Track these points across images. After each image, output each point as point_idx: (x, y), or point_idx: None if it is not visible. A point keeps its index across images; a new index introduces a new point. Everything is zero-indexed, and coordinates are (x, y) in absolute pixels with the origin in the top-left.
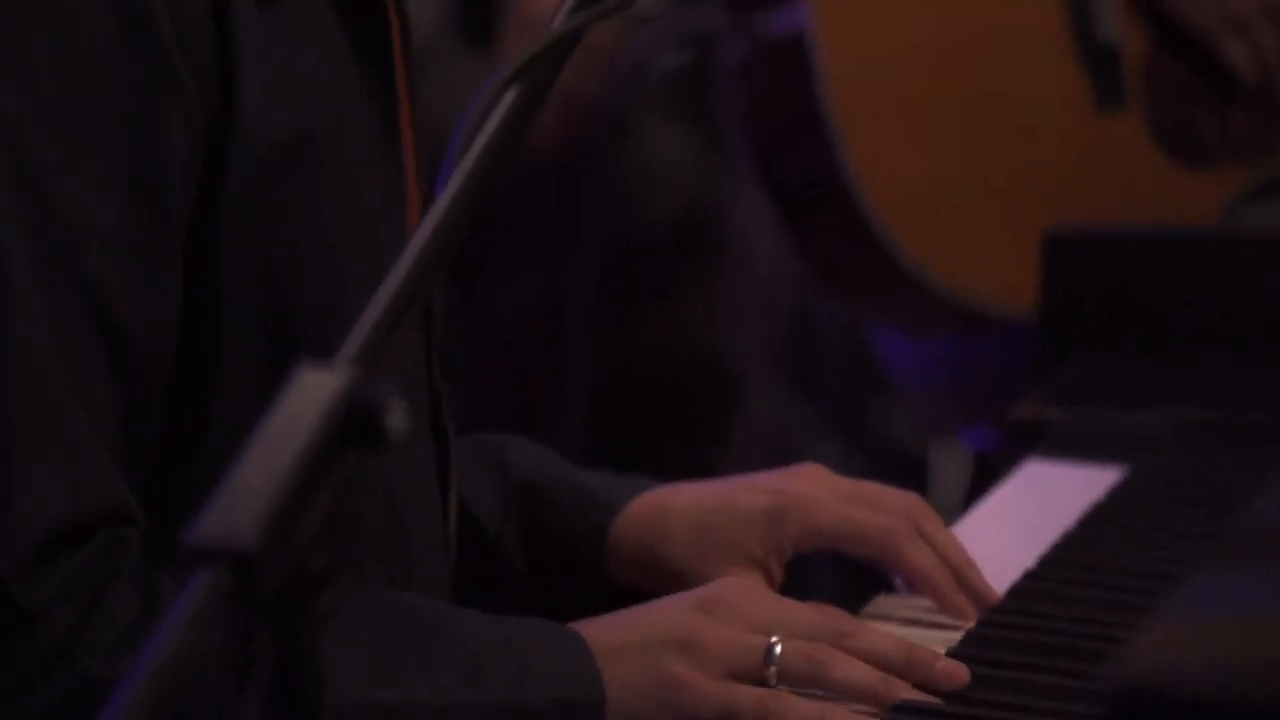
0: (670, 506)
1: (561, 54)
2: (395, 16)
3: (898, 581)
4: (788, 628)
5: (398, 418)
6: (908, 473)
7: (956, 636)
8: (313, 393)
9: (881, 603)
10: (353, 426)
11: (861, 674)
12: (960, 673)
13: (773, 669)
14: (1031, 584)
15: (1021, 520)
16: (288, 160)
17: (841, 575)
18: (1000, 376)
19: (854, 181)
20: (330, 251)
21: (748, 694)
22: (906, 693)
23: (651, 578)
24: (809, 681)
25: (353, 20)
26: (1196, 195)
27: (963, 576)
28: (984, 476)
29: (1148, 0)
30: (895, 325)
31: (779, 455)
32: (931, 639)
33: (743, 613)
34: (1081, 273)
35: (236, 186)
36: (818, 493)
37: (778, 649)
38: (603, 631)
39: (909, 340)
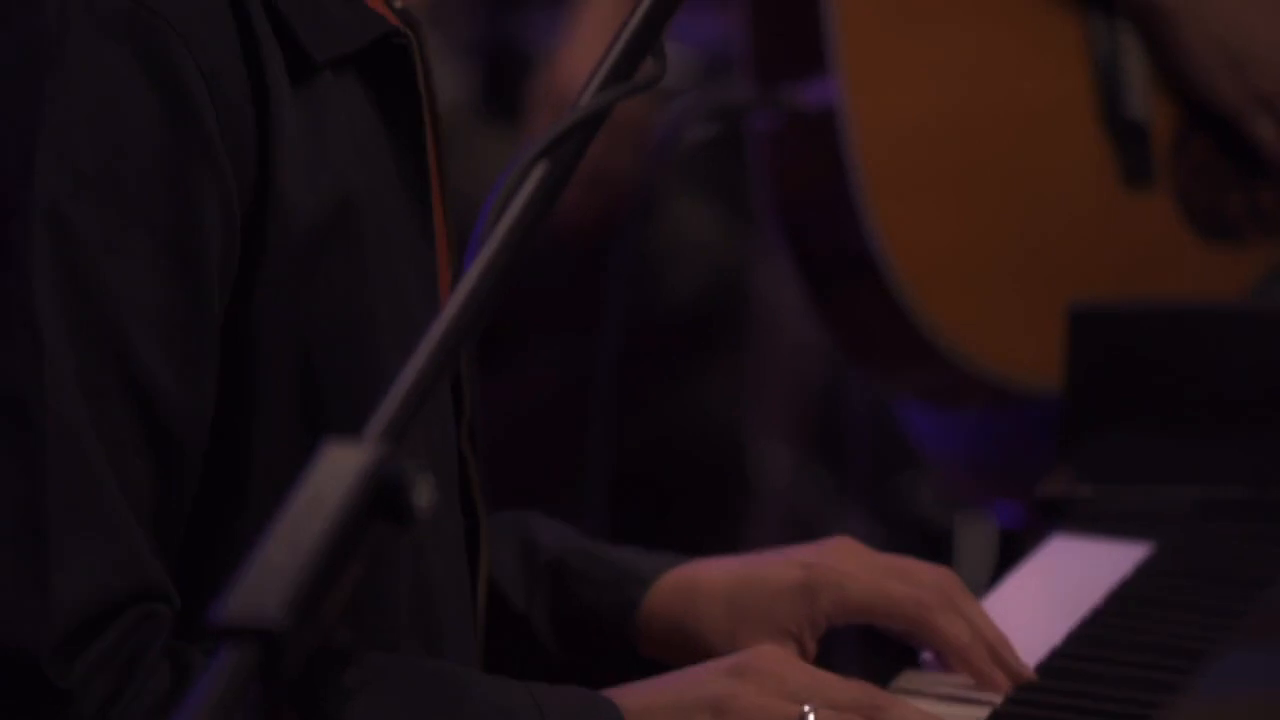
0: (701, 581)
1: (589, 130)
2: (425, 94)
3: (924, 657)
4: (821, 697)
5: (424, 494)
6: (934, 547)
7: (983, 714)
8: (339, 469)
9: (907, 679)
10: (379, 502)
11: None
12: None
13: None
14: (1059, 661)
15: (1048, 597)
16: (323, 235)
17: (867, 651)
18: (1027, 451)
19: (882, 255)
20: (363, 323)
21: None
22: None
23: (682, 653)
24: None
25: (383, 96)
26: (1225, 272)
27: (996, 652)
28: (1010, 552)
29: (1176, 78)
30: (922, 399)
31: (804, 530)
32: (956, 716)
33: (777, 679)
34: (1107, 347)
35: (274, 262)
36: (850, 566)
37: (810, 717)
38: (636, 695)
39: (935, 414)
